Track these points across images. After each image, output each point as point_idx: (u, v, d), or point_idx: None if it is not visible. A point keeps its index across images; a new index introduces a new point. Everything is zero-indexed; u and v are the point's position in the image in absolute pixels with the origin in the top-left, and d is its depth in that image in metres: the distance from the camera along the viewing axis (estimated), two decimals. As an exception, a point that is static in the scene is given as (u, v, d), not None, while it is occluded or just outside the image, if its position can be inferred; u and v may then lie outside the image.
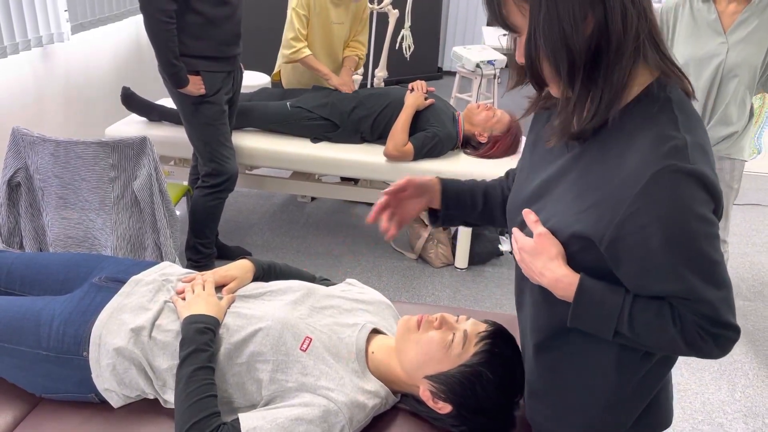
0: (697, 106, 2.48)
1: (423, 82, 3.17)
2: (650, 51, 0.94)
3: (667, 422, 1.18)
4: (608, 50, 0.92)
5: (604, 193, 0.97)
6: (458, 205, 1.36)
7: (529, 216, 1.08)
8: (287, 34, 3.16)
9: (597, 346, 1.08)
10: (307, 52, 3.14)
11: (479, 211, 1.36)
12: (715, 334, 0.96)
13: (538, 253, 1.04)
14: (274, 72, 3.50)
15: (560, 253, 1.03)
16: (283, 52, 3.21)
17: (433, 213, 1.39)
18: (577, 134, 1.00)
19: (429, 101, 3.09)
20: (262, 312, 1.39)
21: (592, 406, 1.13)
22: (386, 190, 1.31)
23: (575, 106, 0.96)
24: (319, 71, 3.19)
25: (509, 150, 3.16)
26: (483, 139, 3.13)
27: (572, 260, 1.03)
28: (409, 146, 2.99)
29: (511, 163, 3.12)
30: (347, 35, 3.35)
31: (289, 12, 3.15)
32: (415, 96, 3.06)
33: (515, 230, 1.11)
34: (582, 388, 1.12)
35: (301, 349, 1.31)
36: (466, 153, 3.18)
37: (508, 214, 1.18)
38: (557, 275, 1.02)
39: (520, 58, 0.98)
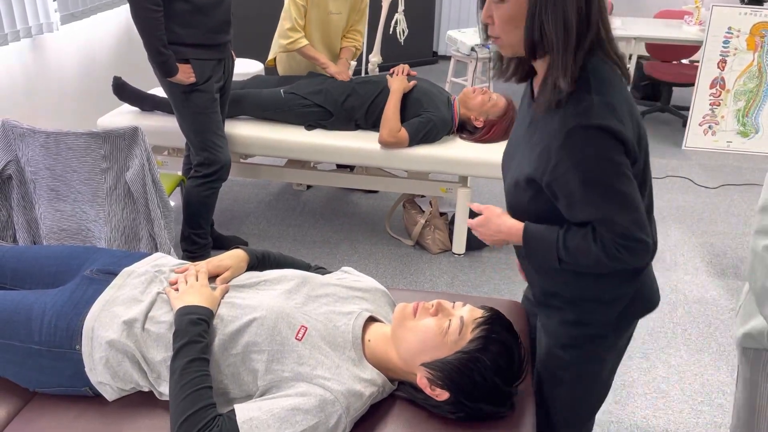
0: None
1: (405, 65, 3.15)
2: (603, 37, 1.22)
3: (654, 304, 1.42)
4: (587, 30, 1.18)
5: (544, 145, 1.23)
6: None
7: (472, 206, 1.43)
8: (284, 24, 3.14)
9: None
10: (304, 42, 3.14)
11: None
12: (628, 247, 1.21)
13: (487, 219, 1.36)
14: (269, 59, 3.47)
15: (503, 212, 1.37)
16: (280, 42, 3.19)
17: None
18: (557, 101, 1.20)
19: (412, 83, 3.07)
20: (256, 302, 1.37)
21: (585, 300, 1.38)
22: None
23: (561, 73, 1.18)
24: (316, 60, 3.19)
25: (506, 134, 3.14)
26: (479, 124, 3.11)
27: (531, 204, 1.30)
28: (404, 132, 2.97)
29: (505, 146, 3.09)
30: (345, 25, 3.33)
31: (286, 1, 3.12)
32: (398, 80, 3.03)
33: (469, 221, 1.41)
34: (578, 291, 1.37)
35: (296, 338, 1.29)
36: (462, 138, 3.16)
37: None
38: (508, 225, 1.34)
39: (487, 18, 1.22)
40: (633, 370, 2.50)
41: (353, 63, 3.84)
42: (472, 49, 4.50)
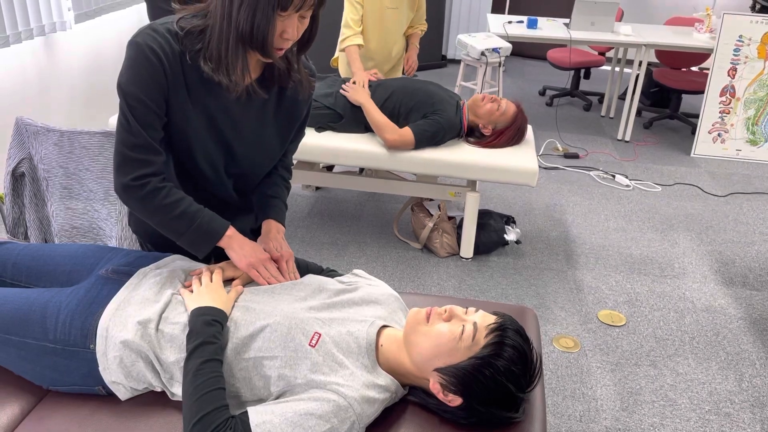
0: None
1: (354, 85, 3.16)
2: None
3: None
4: None
5: (291, 113, 1.64)
6: None
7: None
8: (343, 19, 3.29)
9: None
10: (351, 42, 3.28)
11: None
12: None
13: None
14: (333, 57, 3.61)
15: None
16: (339, 40, 3.34)
17: None
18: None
19: (369, 77, 3.14)
20: (270, 307, 1.38)
21: None
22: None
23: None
24: (352, 64, 3.28)
25: (513, 141, 3.14)
26: (487, 132, 3.12)
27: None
28: (407, 129, 2.97)
29: (514, 151, 3.10)
30: (404, 21, 3.42)
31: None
32: (357, 91, 3.05)
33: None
34: None
35: (309, 344, 1.30)
36: (468, 142, 3.16)
37: None
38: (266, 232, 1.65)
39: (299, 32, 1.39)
40: (641, 378, 2.50)
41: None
42: (482, 53, 4.51)
